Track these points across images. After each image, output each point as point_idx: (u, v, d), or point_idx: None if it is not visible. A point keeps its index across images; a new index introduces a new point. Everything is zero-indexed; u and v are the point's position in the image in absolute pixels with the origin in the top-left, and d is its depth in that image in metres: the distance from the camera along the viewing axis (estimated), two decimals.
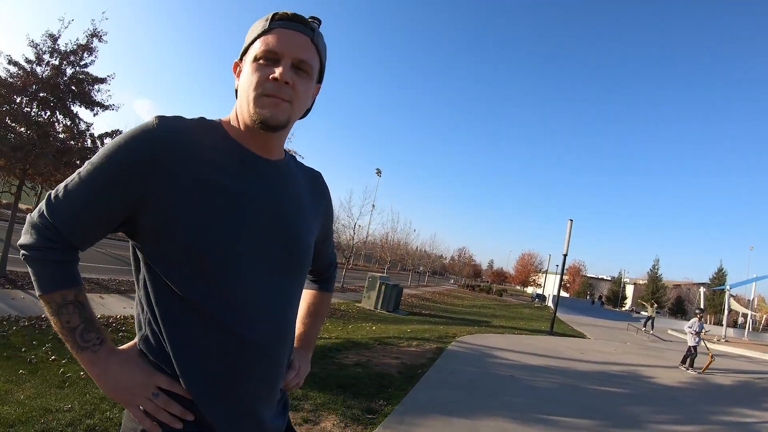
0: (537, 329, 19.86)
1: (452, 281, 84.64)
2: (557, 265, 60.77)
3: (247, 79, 1.16)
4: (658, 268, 78.96)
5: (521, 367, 9.71)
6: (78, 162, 10.13)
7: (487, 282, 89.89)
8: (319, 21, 1.25)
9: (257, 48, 1.16)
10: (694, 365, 13.06)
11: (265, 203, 1.19)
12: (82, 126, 10.63)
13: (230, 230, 1.11)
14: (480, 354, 10.59)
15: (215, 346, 1.11)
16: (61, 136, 10.39)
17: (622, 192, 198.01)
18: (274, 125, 1.16)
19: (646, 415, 7.26)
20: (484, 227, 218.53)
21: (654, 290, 74.85)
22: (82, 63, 10.42)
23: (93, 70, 10.63)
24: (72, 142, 10.49)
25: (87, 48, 10.40)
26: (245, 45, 1.22)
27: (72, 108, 10.42)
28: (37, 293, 1.10)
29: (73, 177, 1.11)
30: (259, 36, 1.17)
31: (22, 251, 1.11)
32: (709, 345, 14.64)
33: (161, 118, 1.11)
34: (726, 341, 26.94)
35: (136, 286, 1.18)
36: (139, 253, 1.15)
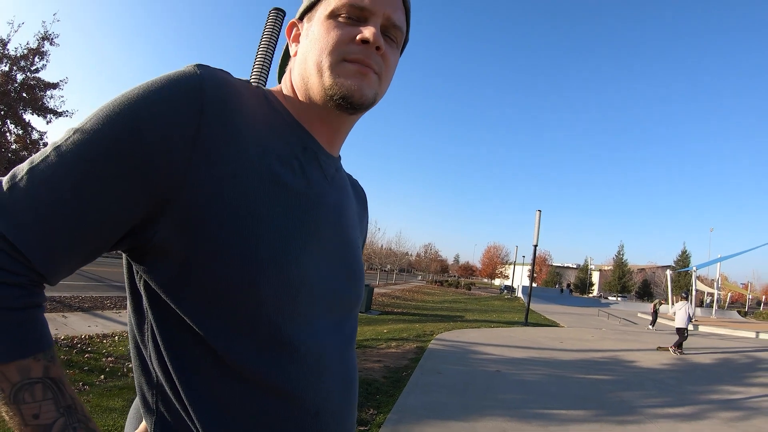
0: (511, 321, 19.98)
1: (420, 278, 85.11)
2: (524, 256, 61.90)
3: (321, 39, 0.84)
4: (623, 254, 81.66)
5: (506, 362, 9.67)
6: None
7: (455, 276, 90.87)
8: None
9: (335, 1, 0.84)
10: (682, 347, 13.27)
11: (332, 217, 0.88)
12: (35, 135, 10.19)
13: (301, 253, 0.77)
14: (462, 351, 10.51)
15: (281, 427, 0.76)
16: (13, 146, 9.90)
17: (584, 180, 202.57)
18: (359, 102, 0.84)
19: (636, 400, 7.32)
20: (448, 222, 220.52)
21: (620, 275, 77.07)
22: (33, 68, 9.97)
23: (45, 75, 10.18)
24: (25, 153, 10.01)
25: (38, 52, 9.96)
26: (311, 0, 0.90)
27: (23, 116, 9.94)
28: None
29: (43, 154, 0.68)
30: None
31: None
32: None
33: (205, 66, 0.75)
34: (695, 321, 27.72)
35: (137, 340, 0.79)
36: (145, 287, 0.75)
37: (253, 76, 5.75)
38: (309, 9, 0.90)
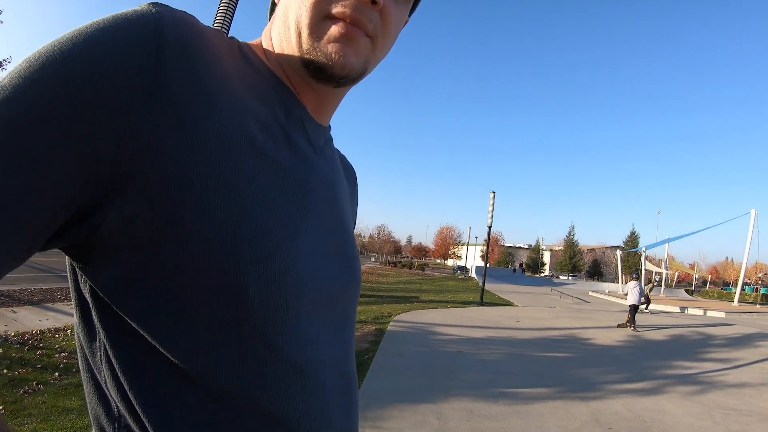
0: (467, 301, 20.26)
1: (373, 259, 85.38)
2: (476, 237, 62.85)
3: None
4: (573, 234, 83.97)
5: (466, 342, 9.76)
6: None
7: (408, 257, 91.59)
8: None
9: None
10: (635, 324, 14.25)
11: (325, 197, 0.72)
12: None
13: (294, 242, 0.61)
14: (421, 332, 10.54)
15: None
16: None
17: (535, 162, 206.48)
18: (340, 75, 0.65)
19: (595, 376, 7.56)
20: (400, 204, 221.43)
21: (571, 255, 79.38)
22: None
23: None
24: None
25: None
26: None
27: None
28: None
29: None
30: None
31: None
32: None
33: (163, 4, 0.55)
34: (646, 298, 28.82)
35: (88, 361, 0.61)
36: (93, 296, 0.56)
37: (217, 20, 5.52)
38: None
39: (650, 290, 21.08)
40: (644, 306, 20.61)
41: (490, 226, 22.65)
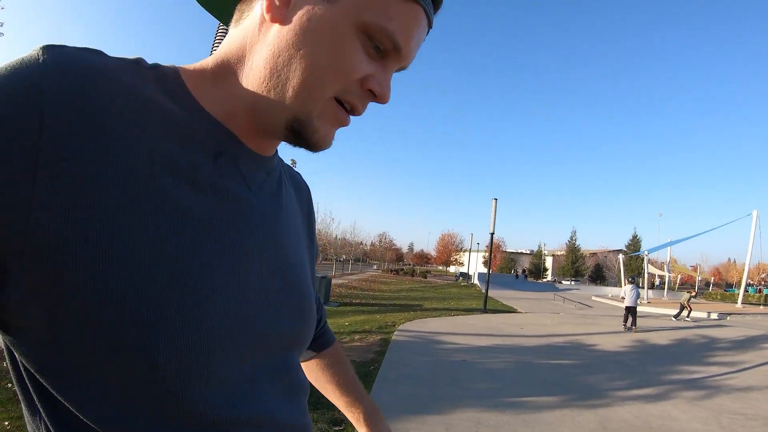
0: (470, 308, 20.21)
1: (375, 267, 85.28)
2: (478, 243, 62.75)
3: (334, 51, 0.59)
4: (575, 239, 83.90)
5: (470, 350, 9.76)
6: None
7: (410, 265, 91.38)
8: None
9: (378, 16, 0.59)
10: (636, 324, 15.18)
11: (260, 235, 0.66)
12: None
13: (207, 296, 0.56)
14: (426, 341, 10.54)
15: None
16: None
17: (536, 168, 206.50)
18: (316, 150, 0.65)
19: (601, 383, 7.55)
20: (402, 212, 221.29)
21: (573, 260, 79.22)
22: None
23: None
24: None
25: None
26: None
27: None
28: None
29: None
30: None
31: None
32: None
33: (55, 48, 0.51)
34: (648, 303, 28.80)
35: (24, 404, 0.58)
36: (21, 362, 0.55)
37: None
38: None
39: (689, 300, 20.42)
40: (686, 314, 20.23)
41: (492, 233, 22.64)
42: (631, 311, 15.41)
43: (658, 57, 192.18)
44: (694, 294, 22.43)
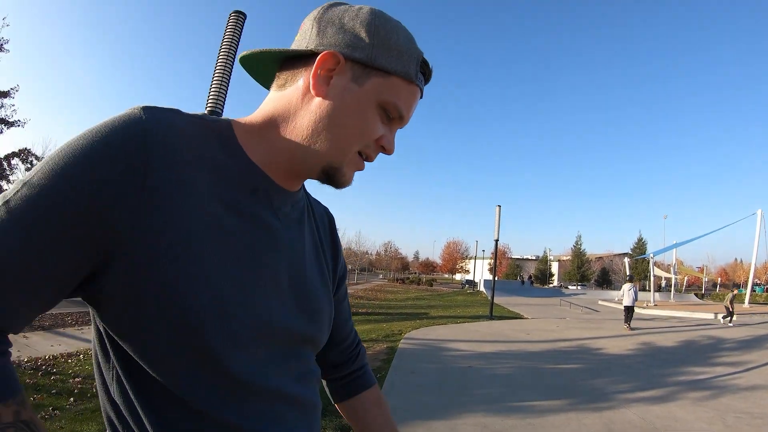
0: (476, 315, 20.22)
1: (381, 276, 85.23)
2: (483, 250, 62.65)
3: (361, 123, 0.82)
4: (581, 244, 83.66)
5: (477, 357, 9.81)
6: None
7: (416, 273, 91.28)
8: None
9: (392, 96, 0.83)
10: (630, 323, 16.49)
11: (282, 257, 0.87)
12: None
13: (247, 296, 0.77)
14: (432, 348, 10.61)
15: None
16: None
17: (539, 172, 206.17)
18: (340, 188, 0.88)
19: (607, 386, 7.59)
20: (406, 220, 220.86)
21: (579, 265, 78.96)
22: None
23: None
24: None
25: None
26: (370, 59, 0.81)
27: None
28: None
29: None
30: (401, 77, 0.83)
31: None
32: (641, 310, 15.98)
33: (151, 110, 0.73)
34: (655, 305, 28.73)
35: (103, 377, 0.80)
36: (104, 329, 0.77)
37: (215, 78, 5.59)
38: (363, 63, 0.81)
39: (732, 300, 19.93)
40: (728, 320, 19.80)
41: (497, 240, 22.66)
42: (629, 310, 16.73)
43: (660, 59, 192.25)
44: (735, 293, 21.72)
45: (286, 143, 0.84)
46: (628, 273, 35.50)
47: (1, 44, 9.67)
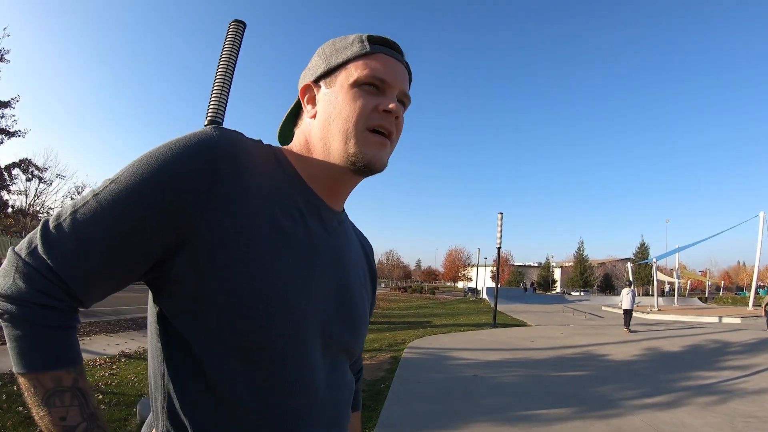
0: (479, 323, 20.16)
1: (383, 285, 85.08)
2: (485, 258, 62.56)
3: (347, 107, 0.94)
4: (583, 250, 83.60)
5: (481, 365, 9.74)
6: None
7: (419, 282, 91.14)
8: None
9: (358, 72, 0.94)
10: (630, 325, 17.47)
11: (330, 264, 0.96)
12: None
13: (299, 294, 0.87)
14: (436, 357, 10.55)
15: None
16: None
17: (539, 179, 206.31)
18: (378, 169, 0.96)
19: (614, 392, 7.53)
20: (408, 228, 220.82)
21: (582, 271, 78.84)
22: None
23: None
24: None
25: None
26: (329, 66, 0.98)
27: None
28: (15, 369, 0.77)
29: (84, 199, 0.81)
30: (356, 58, 0.96)
31: (0, 303, 0.76)
32: (645, 315, 15.98)
33: (220, 128, 0.87)
34: (659, 310, 28.63)
35: (155, 365, 0.89)
36: (163, 317, 0.87)
37: (215, 87, 5.55)
38: (327, 74, 0.99)
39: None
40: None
41: (499, 248, 22.58)
42: (628, 313, 17.70)
43: (661, 61, 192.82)
44: None
45: (316, 160, 0.98)
46: (630, 278, 35.60)
47: (2, 54, 9.70)
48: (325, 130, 0.96)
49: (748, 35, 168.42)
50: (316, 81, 1.00)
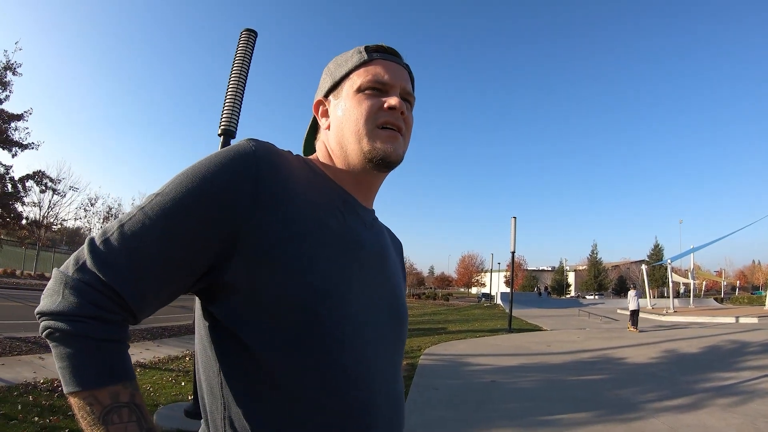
0: (495, 329, 20.01)
1: None
2: (498, 263, 62.25)
3: (354, 111, 1.02)
4: (596, 252, 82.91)
5: (499, 371, 9.70)
6: None
7: (432, 288, 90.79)
8: None
9: (360, 79, 1.04)
10: (638, 325, 18.74)
11: (374, 259, 1.02)
12: (0, 169, 9.93)
13: (349, 289, 0.91)
14: (453, 364, 10.49)
15: None
16: None
17: (551, 183, 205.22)
18: (394, 162, 1.03)
19: (633, 396, 7.44)
20: (420, 235, 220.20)
21: (596, 274, 78.19)
22: None
23: (8, 107, 9.95)
24: None
25: (0, 83, 9.72)
26: (334, 80, 1.08)
27: None
28: (68, 389, 0.73)
29: (130, 215, 0.83)
30: (357, 67, 1.05)
31: (49, 322, 0.74)
32: (661, 318, 15.92)
33: (256, 140, 0.92)
34: (675, 312, 28.30)
35: (208, 372, 0.89)
36: (215, 324, 0.87)
37: (228, 96, 5.59)
38: (334, 87, 1.08)
39: None
40: None
41: (513, 252, 22.34)
42: (634, 314, 19.19)
43: (674, 59, 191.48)
44: None
45: (339, 165, 1.05)
46: (645, 280, 35.23)
47: (14, 68, 9.87)
48: (340, 135, 1.04)
49: (754, 34, 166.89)
50: (326, 96, 1.10)
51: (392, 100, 1.01)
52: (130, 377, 0.77)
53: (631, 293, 20.57)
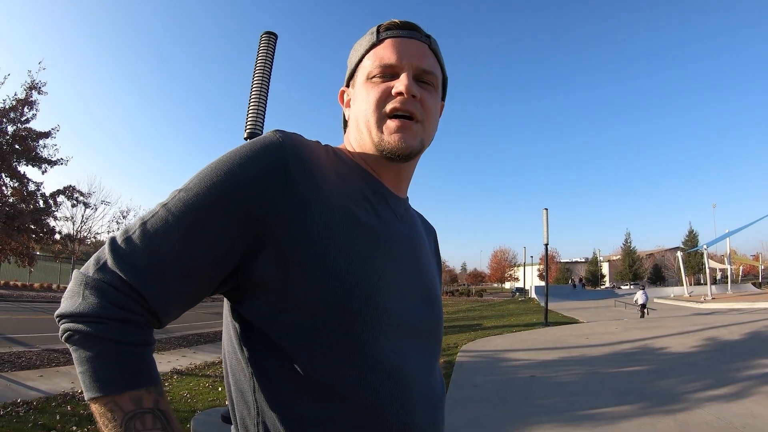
0: (531, 323, 19.82)
1: None
2: (531, 257, 61.60)
3: (364, 100, 0.96)
4: (630, 241, 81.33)
5: (537, 365, 9.57)
6: (32, 226, 9.62)
7: (465, 285, 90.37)
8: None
9: (368, 65, 0.97)
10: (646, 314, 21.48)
11: (405, 249, 0.96)
12: (31, 186, 10.21)
13: (380, 280, 0.85)
14: (491, 360, 10.41)
15: None
16: (9, 199, 9.89)
17: (581, 173, 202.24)
18: (405, 154, 0.94)
19: (676, 386, 7.26)
20: (451, 231, 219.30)
21: (630, 263, 76.77)
22: (23, 118, 10.02)
23: (35, 125, 10.26)
24: (23, 205, 9.99)
25: (27, 102, 10.03)
26: (351, 68, 1.03)
27: (18, 168, 9.97)
28: (89, 395, 0.69)
29: (152, 212, 0.78)
30: (367, 52, 0.99)
31: (69, 325, 0.71)
32: (699, 305, 15.73)
33: (282, 131, 0.87)
34: (713, 299, 27.63)
35: (237, 374, 0.86)
36: (244, 323, 0.84)
37: (252, 96, 5.63)
38: (351, 76, 1.03)
39: None
40: None
41: (546, 244, 22.02)
42: (643, 306, 22.65)
43: (707, 44, 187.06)
44: None
45: (365, 154, 0.99)
46: (681, 267, 34.53)
47: (39, 87, 10.15)
48: (357, 127, 0.99)
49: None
50: (348, 84, 1.06)
51: (399, 85, 0.92)
52: (155, 381, 0.72)
53: (639, 293, 23.99)
